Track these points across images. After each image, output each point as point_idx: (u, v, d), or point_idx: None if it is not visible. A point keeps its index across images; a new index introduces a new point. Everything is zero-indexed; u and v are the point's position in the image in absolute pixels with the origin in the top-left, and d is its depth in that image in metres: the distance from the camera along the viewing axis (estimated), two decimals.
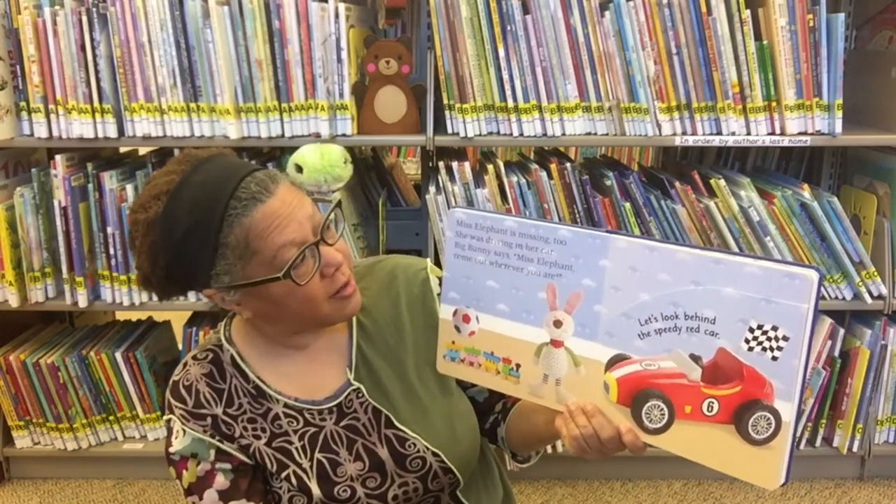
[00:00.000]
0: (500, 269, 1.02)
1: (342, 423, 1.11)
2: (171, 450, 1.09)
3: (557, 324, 0.98)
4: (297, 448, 1.10)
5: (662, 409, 0.91)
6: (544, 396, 1.01)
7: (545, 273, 0.98)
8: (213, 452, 1.08)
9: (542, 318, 0.99)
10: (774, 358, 0.84)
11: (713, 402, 0.88)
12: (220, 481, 1.08)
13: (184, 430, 1.08)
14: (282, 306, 1.04)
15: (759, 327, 0.84)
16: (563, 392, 0.99)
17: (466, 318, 1.06)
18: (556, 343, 0.99)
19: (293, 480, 1.09)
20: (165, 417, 1.11)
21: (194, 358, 1.13)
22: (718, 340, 0.87)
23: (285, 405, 1.11)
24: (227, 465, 1.09)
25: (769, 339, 0.84)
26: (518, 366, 1.03)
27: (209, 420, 1.08)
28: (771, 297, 0.83)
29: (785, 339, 0.83)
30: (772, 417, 0.84)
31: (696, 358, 0.89)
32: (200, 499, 1.08)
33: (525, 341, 1.01)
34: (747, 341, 0.85)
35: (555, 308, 0.98)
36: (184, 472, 1.09)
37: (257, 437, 1.09)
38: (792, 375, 0.83)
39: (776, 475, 0.85)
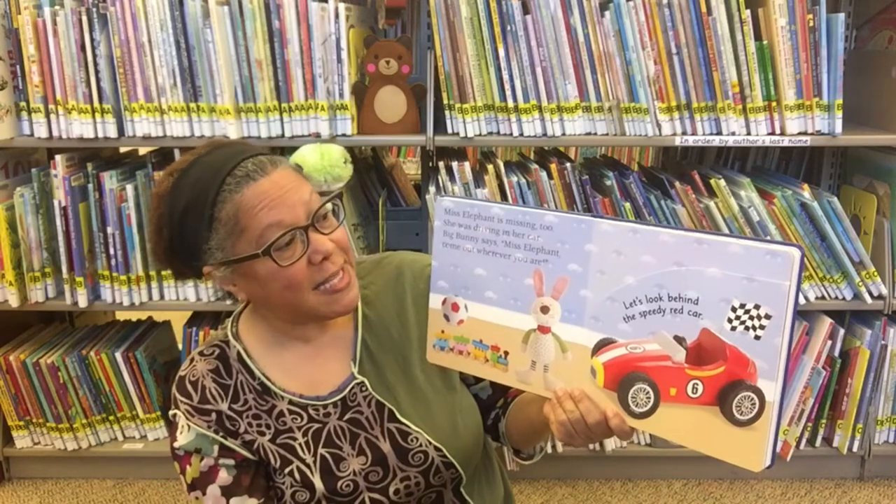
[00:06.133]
0: (488, 256, 1.02)
1: (346, 417, 1.12)
2: (176, 445, 1.11)
3: (544, 310, 0.98)
4: (300, 444, 1.10)
5: (648, 393, 0.91)
6: (532, 383, 1.01)
7: (532, 259, 0.98)
8: (216, 448, 1.09)
9: (529, 305, 0.99)
10: (757, 337, 0.83)
11: (697, 384, 0.88)
12: (223, 477, 1.09)
13: (188, 426, 1.09)
14: (268, 290, 1.04)
15: (742, 306, 0.84)
16: (551, 378, 0.99)
17: (455, 307, 1.06)
18: (543, 329, 0.99)
19: (296, 476, 1.10)
20: (171, 412, 1.12)
21: (201, 354, 1.14)
22: (702, 321, 0.86)
23: (290, 402, 1.12)
24: (230, 461, 1.09)
25: (752, 317, 0.83)
26: (506, 353, 1.03)
27: (214, 416, 1.09)
28: (753, 275, 0.83)
29: (767, 317, 0.82)
30: (755, 397, 0.84)
31: (680, 339, 0.88)
32: (203, 494, 1.09)
33: (513, 328, 1.01)
34: (730, 321, 0.85)
35: (542, 294, 0.98)
36: (187, 467, 1.10)
37: (261, 434, 1.10)
38: (775, 354, 0.82)
39: (761, 457, 0.85)
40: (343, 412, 1.12)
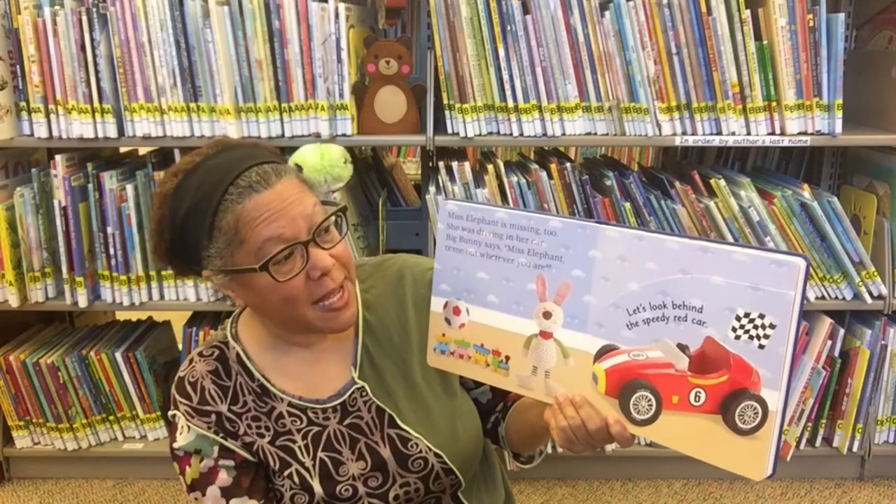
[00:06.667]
0: (491, 260, 1.02)
1: (345, 422, 1.12)
2: (175, 445, 1.10)
3: (547, 315, 0.98)
4: (300, 447, 1.10)
5: (650, 400, 0.91)
6: (533, 388, 1.01)
7: (535, 264, 0.98)
8: (216, 449, 1.09)
9: (531, 310, 0.99)
10: (761, 346, 0.83)
11: (700, 392, 0.88)
12: (223, 478, 1.09)
13: (188, 427, 1.09)
14: (265, 301, 1.04)
15: (746, 315, 0.84)
16: (552, 384, 0.99)
17: (457, 311, 1.06)
18: (545, 334, 0.99)
19: (295, 479, 1.09)
20: (170, 413, 1.12)
21: (200, 354, 1.14)
22: (706, 329, 0.87)
23: (289, 404, 1.11)
24: (230, 462, 1.09)
25: (756, 326, 0.83)
26: (507, 358, 1.02)
27: (213, 417, 1.09)
28: (758, 284, 0.83)
29: (772, 326, 0.82)
30: (758, 407, 0.84)
31: (683, 347, 0.88)
32: (203, 495, 1.09)
33: (515, 333, 1.01)
34: (734, 329, 0.85)
35: (544, 299, 0.98)
36: (187, 468, 1.10)
37: (261, 436, 1.10)
38: (779, 363, 0.83)
39: (763, 466, 0.85)
40: (343, 417, 1.12)
